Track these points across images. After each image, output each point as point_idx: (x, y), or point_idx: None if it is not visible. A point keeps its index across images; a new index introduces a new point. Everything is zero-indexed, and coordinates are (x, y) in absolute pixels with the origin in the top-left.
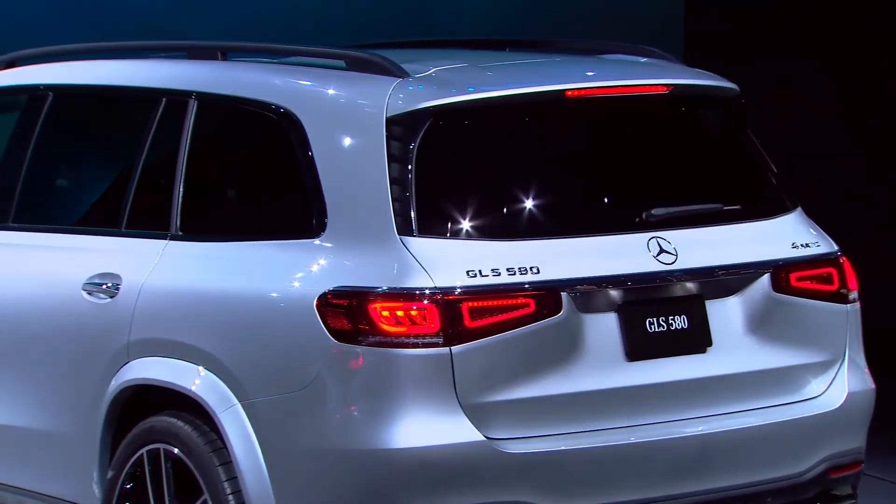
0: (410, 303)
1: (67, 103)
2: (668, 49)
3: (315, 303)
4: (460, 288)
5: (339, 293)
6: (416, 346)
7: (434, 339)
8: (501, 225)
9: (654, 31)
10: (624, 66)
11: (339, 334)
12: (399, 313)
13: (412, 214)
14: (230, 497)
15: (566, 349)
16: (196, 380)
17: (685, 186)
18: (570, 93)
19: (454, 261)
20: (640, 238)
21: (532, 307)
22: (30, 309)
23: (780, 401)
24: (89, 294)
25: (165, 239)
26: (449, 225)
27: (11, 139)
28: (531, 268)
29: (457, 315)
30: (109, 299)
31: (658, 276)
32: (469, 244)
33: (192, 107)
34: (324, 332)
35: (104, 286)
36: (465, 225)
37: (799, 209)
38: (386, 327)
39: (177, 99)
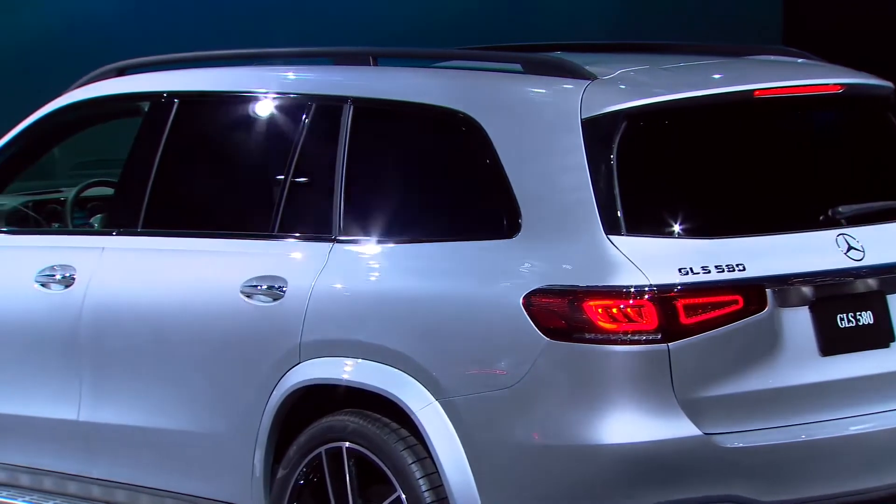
0: (628, 300)
1: (198, 110)
2: None
3: (521, 301)
4: (675, 285)
5: (550, 291)
6: (634, 342)
7: (652, 336)
8: (704, 223)
9: (752, 31)
10: (793, 67)
11: (551, 332)
12: (615, 311)
13: (619, 214)
14: (426, 494)
15: (768, 345)
16: (388, 379)
17: (860, 183)
18: (758, 93)
19: (665, 259)
20: (829, 235)
21: (741, 304)
22: (179, 312)
23: None
24: (248, 297)
25: (329, 241)
26: (655, 224)
27: (135, 147)
28: (737, 265)
29: (673, 312)
30: (273, 302)
31: (849, 272)
32: (676, 242)
33: (348, 112)
34: (534, 329)
35: (266, 289)
36: (671, 224)
37: None
38: (603, 324)
39: (328, 104)
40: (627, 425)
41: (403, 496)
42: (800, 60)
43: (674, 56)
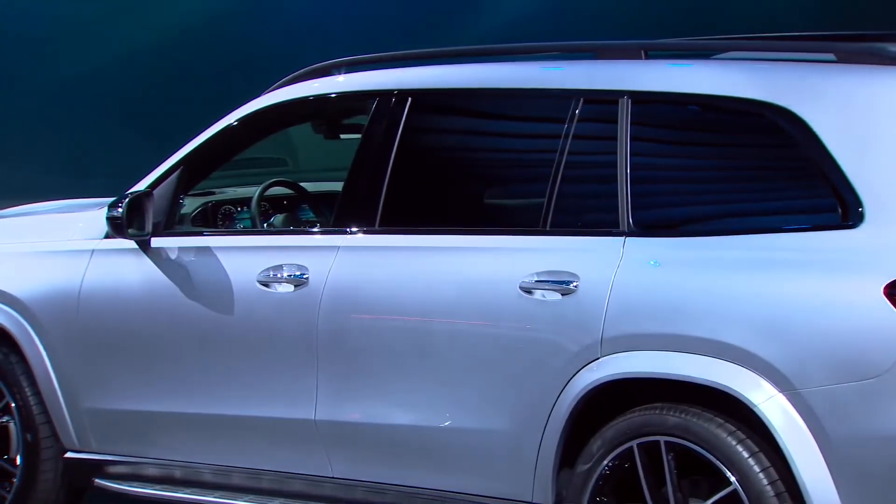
0: None
1: (442, 107)
2: None
3: (883, 290)
4: None
5: None
6: None
7: None
8: None
9: None
10: None
11: None
12: None
13: None
14: (767, 487)
15: None
16: (721, 372)
17: None
18: None
19: None
20: None
21: None
22: (444, 310)
23: None
24: (529, 293)
25: (620, 235)
26: None
27: (364, 145)
28: None
29: None
30: (562, 297)
31: None
32: None
33: (626, 105)
34: None
35: (553, 284)
36: None
37: None
38: None
39: (601, 98)
40: None
41: (742, 490)
42: None
43: None
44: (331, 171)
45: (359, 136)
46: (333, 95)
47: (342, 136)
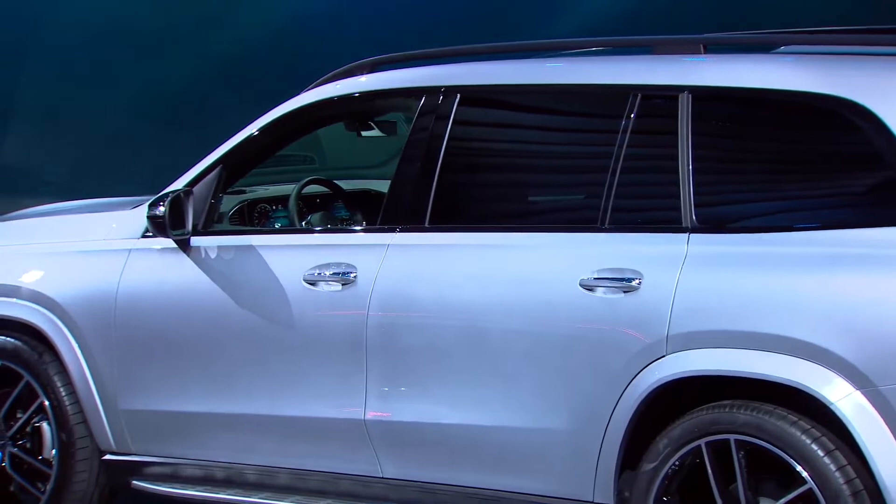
0: None
1: (492, 103)
2: None
3: None
4: None
5: None
6: None
7: None
8: None
9: None
10: None
11: None
12: None
13: None
14: (845, 486)
15: None
16: (795, 369)
17: None
18: None
19: None
20: None
21: None
22: (500, 308)
23: None
24: (589, 290)
25: (684, 232)
26: None
27: (412, 142)
28: None
29: None
30: (623, 294)
31: None
32: None
33: (686, 101)
34: None
35: (614, 281)
36: None
37: None
38: None
39: (659, 94)
40: None
41: (817, 489)
42: None
43: None
44: (353, 168)
45: (386, 134)
46: (378, 92)
47: (372, 135)
